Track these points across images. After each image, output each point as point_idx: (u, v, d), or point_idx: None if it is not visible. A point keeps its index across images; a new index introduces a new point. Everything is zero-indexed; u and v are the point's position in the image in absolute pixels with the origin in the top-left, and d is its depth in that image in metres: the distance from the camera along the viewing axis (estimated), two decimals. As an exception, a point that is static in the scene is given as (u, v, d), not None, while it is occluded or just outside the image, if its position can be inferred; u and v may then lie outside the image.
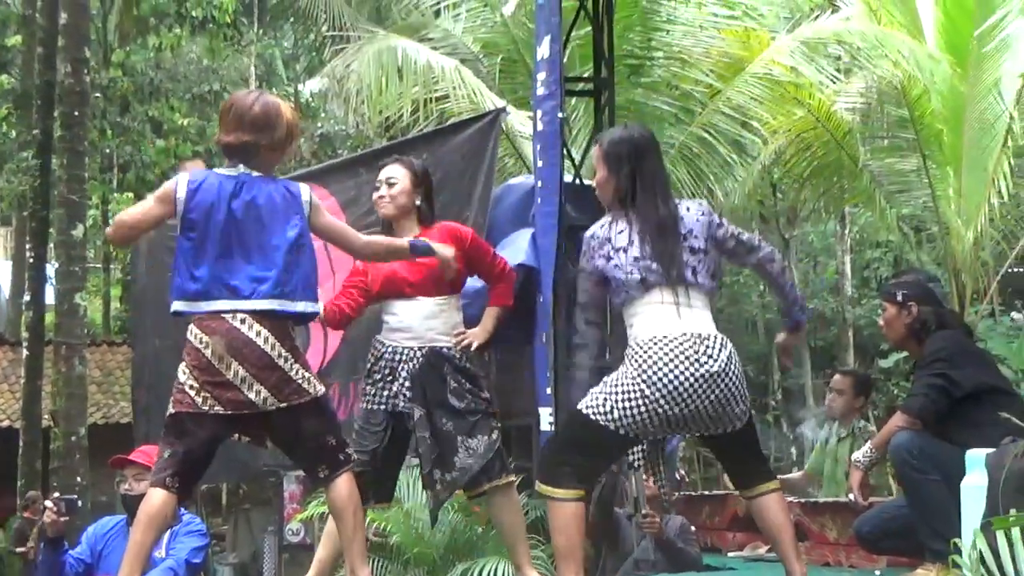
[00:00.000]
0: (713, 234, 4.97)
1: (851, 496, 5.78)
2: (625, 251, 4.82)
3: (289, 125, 4.94)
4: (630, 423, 4.72)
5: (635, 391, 4.70)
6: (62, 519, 5.78)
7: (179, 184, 4.81)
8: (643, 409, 4.69)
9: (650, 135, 5.23)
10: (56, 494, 6.00)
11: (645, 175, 4.96)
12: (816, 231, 23.21)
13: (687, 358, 4.68)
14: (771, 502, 5.05)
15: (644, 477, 7.96)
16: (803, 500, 7.43)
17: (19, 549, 11.09)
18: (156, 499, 4.68)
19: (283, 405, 4.67)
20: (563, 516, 4.85)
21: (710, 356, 4.72)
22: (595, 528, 7.29)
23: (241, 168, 4.82)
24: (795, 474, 8.41)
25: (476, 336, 5.66)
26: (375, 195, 5.78)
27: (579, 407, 4.87)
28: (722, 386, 4.73)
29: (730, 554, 7.89)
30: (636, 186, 4.93)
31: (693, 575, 7.01)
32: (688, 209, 4.98)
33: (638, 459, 7.81)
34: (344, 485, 4.86)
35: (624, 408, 4.71)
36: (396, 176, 5.72)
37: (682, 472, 11.15)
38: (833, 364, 21.56)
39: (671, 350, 4.69)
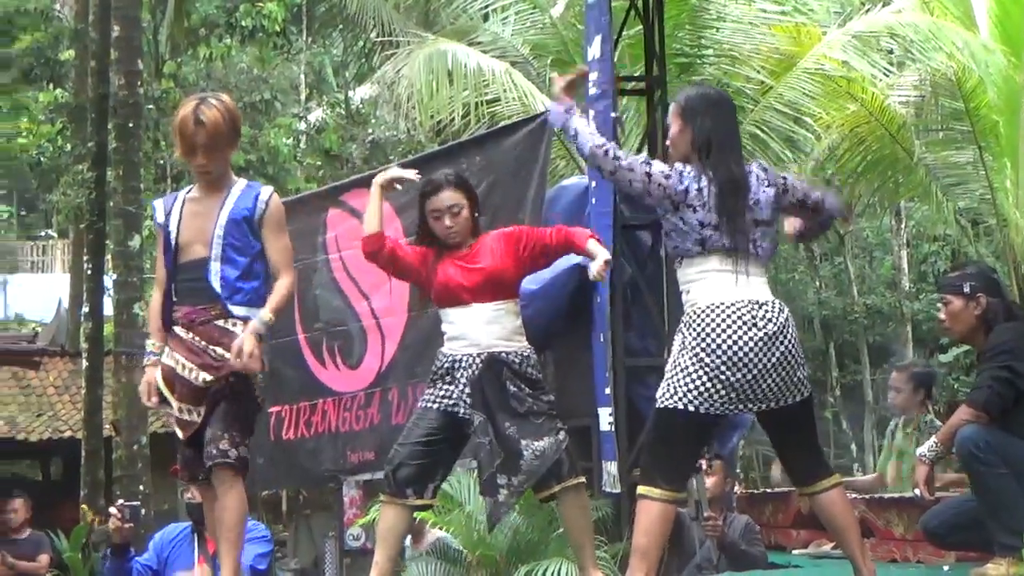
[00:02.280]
0: (779, 205, 4.99)
1: (917, 491, 5.73)
2: (695, 210, 4.81)
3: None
4: (697, 396, 4.73)
5: (695, 361, 4.72)
6: (127, 525, 5.81)
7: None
8: (706, 378, 4.70)
9: (727, 95, 5.26)
10: (120, 501, 6.03)
11: (720, 131, 4.94)
12: (871, 226, 23.04)
13: (745, 323, 4.70)
14: (834, 498, 5.02)
15: (705, 480, 7.95)
16: (868, 496, 7.36)
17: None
18: None
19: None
20: (652, 516, 4.86)
21: (768, 319, 4.75)
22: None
23: None
24: (867, 477, 8.32)
25: (599, 261, 5.46)
26: (439, 226, 5.69)
27: (656, 405, 4.88)
28: (781, 348, 4.75)
29: (795, 552, 7.84)
30: (711, 141, 4.90)
31: (758, 574, 6.96)
32: (757, 177, 4.96)
33: (701, 462, 7.83)
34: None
35: (688, 383, 4.73)
36: (458, 203, 5.67)
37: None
38: (891, 360, 21.40)
39: (728, 315, 4.73)
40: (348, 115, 23.56)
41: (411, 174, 5.90)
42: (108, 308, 14.72)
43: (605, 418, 8.02)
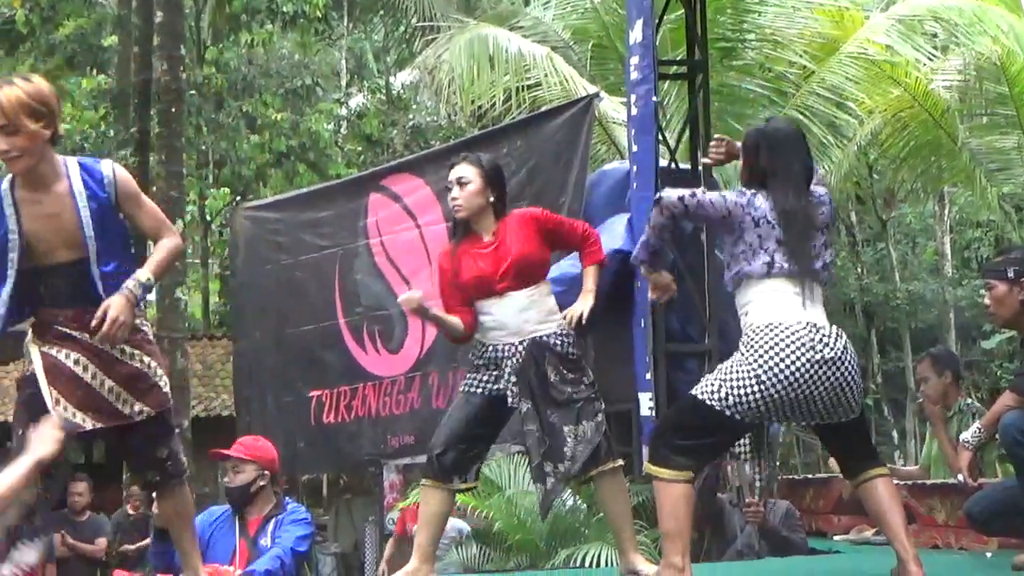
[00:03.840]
0: (830, 224, 5.00)
1: (960, 477, 5.69)
2: (772, 227, 4.80)
3: None
4: (743, 408, 4.70)
5: (750, 377, 4.69)
6: (158, 510, 5.82)
7: None
8: (757, 395, 4.67)
9: (792, 129, 5.24)
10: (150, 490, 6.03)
11: (781, 164, 4.94)
12: (914, 212, 22.92)
13: (803, 344, 4.67)
14: (880, 486, 4.99)
15: (756, 468, 7.93)
16: (911, 482, 7.32)
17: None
18: None
19: None
20: (671, 498, 4.83)
21: (825, 344, 4.71)
22: (699, 513, 7.24)
23: None
24: (912, 468, 8.25)
25: (583, 302, 5.59)
26: (449, 196, 5.70)
27: (692, 392, 4.86)
28: (837, 373, 4.71)
29: (836, 537, 7.81)
30: (767, 175, 4.92)
31: (799, 559, 6.94)
32: (820, 200, 4.99)
33: (744, 450, 7.81)
34: None
35: (739, 394, 4.71)
36: (467, 175, 5.62)
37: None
38: (934, 345, 21.27)
39: (787, 337, 4.68)
40: (389, 100, 23.61)
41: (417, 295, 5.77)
42: (151, 293, 14.78)
43: (646, 403, 8.00)
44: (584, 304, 5.57)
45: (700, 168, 8.07)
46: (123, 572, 7.19)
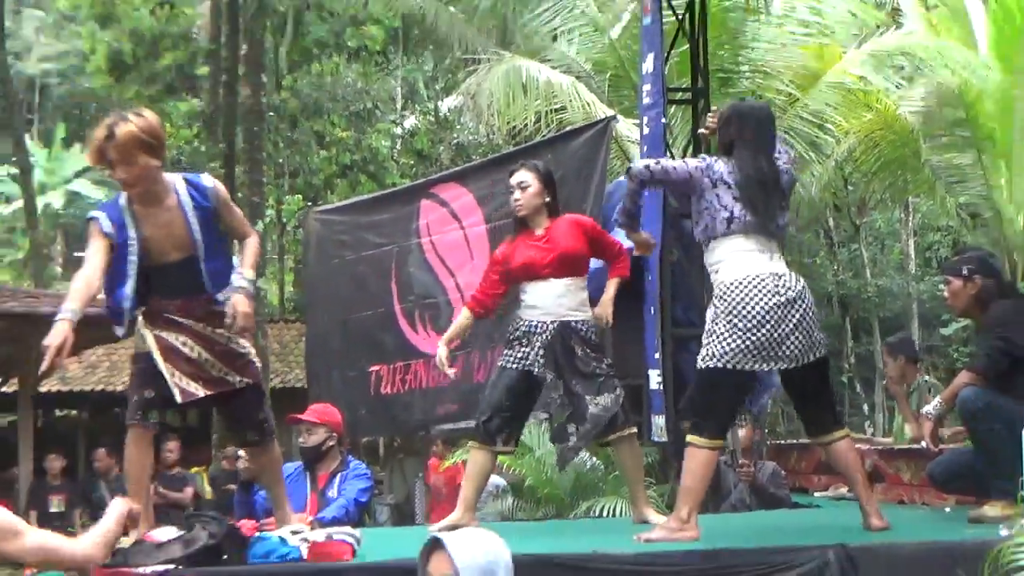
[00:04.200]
0: (790, 186, 5.09)
1: (923, 443, 5.68)
2: (728, 187, 4.83)
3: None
4: (730, 356, 4.76)
5: (727, 326, 4.75)
6: (254, 465, 5.85)
7: None
8: (739, 339, 4.73)
9: (761, 105, 5.37)
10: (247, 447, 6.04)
11: (748, 133, 4.96)
12: (883, 218, 22.79)
13: (768, 290, 4.77)
14: (843, 447, 5.06)
15: (740, 432, 7.92)
16: (880, 448, 7.30)
17: None
18: None
19: None
20: (698, 460, 4.89)
21: (788, 288, 4.80)
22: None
23: None
24: (887, 439, 8.24)
25: (605, 307, 5.67)
26: (511, 198, 5.72)
27: (698, 367, 4.89)
28: (801, 310, 4.79)
29: (816, 494, 7.80)
30: (737, 142, 4.95)
31: (784, 512, 6.93)
32: (782, 162, 5.01)
33: (738, 418, 7.81)
34: None
35: (723, 345, 4.76)
36: (527, 180, 5.67)
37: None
38: (902, 331, 21.18)
39: (754, 286, 4.78)
40: (437, 122, 23.57)
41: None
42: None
43: (654, 378, 8.02)
44: (606, 310, 5.67)
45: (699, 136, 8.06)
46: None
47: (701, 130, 6.04)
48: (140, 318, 4.73)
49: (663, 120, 8.33)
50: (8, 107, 22.57)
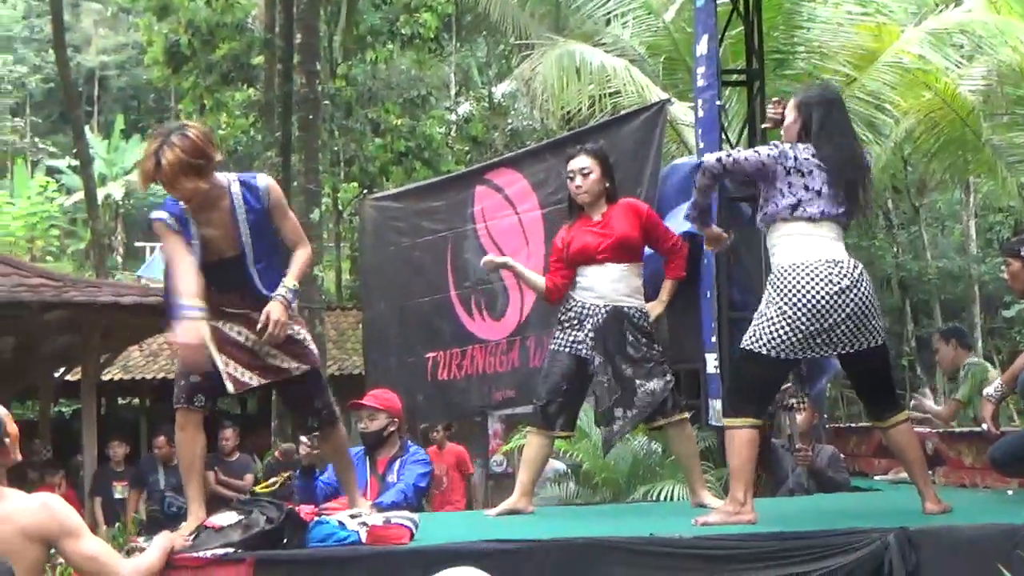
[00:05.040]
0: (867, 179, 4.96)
1: (984, 426, 5.61)
2: (803, 175, 4.74)
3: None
4: (777, 344, 4.68)
5: (778, 314, 4.67)
6: (314, 452, 5.91)
7: None
8: (787, 328, 4.66)
9: (836, 92, 5.18)
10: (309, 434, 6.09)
11: (832, 119, 4.88)
12: (943, 199, 22.53)
13: (822, 278, 4.65)
14: (902, 432, 4.97)
15: (797, 415, 7.87)
16: (941, 430, 7.23)
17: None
18: None
19: None
20: (736, 441, 4.83)
21: (843, 275, 4.67)
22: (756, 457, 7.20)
23: None
24: (940, 407, 8.15)
25: (656, 308, 5.67)
26: (571, 184, 5.68)
27: (741, 345, 4.85)
28: (855, 300, 4.66)
29: (876, 478, 7.73)
30: (823, 128, 4.84)
31: (843, 496, 6.88)
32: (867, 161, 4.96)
33: (793, 401, 7.76)
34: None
35: (772, 332, 4.69)
36: (588, 166, 5.64)
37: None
38: (961, 315, 20.95)
39: (808, 273, 4.66)
40: (491, 108, 23.59)
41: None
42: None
43: (711, 362, 7.99)
44: (655, 310, 5.65)
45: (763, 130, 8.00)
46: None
47: (764, 125, 5.94)
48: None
49: (718, 102, 8.28)
50: (68, 99, 22.88)
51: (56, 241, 30.84)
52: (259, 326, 4.56)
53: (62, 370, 15.54)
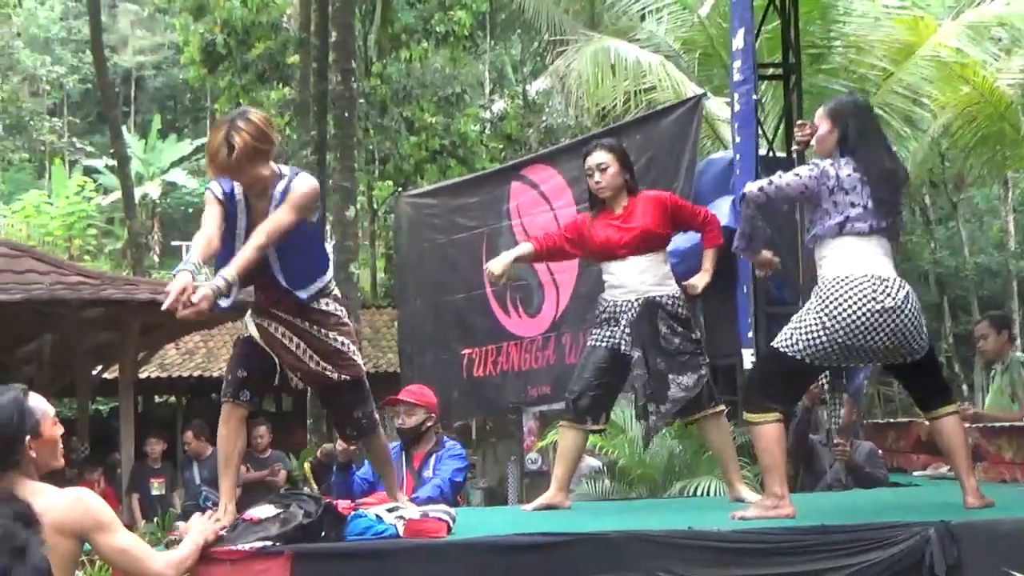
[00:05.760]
0: (906, 182, 4.89)
1: (1028, 420, 5.55)
2: (847, 192, 4.69)
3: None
4: (811, 352, 4.63)
5: (817, 324, 4.61)
6: (351, 447, 5.92)
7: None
8: (823, 339, 4.60)
9: (867, 102, 5.12)
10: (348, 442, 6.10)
11: (869, 130, 4.82)
12: (981, 194, 22.34)
13: (866, 295, 4.57)
14: (949, 423, 4.90)
15: (834, 411, 7.82)
16: (981, 425, 7.15)
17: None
18: None
19: None
20: (765, 437, 4.78)
21: (887, 294, 4.59)
22: (793, 452, 7.16)
23: None
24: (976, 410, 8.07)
25: (702, 279, 5.62)
26: (590, 180, 5.65)
27: (772, 344, 4.80)
28: (897, 321, 4.58)
29: (915, 474, 7.66)
30: (861, 138, 4.78)
31: (882, 491, 6.82)
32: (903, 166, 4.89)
33: (829, 396, 7.71)
34: None
35: (807, 339, 4.63)
36: (605, 161, 5.61)
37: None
38: (1002, 310, 20.77)
39: (852, 288, 4.59)
40: (525, 105, 23.60)
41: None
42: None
43: (748, 358, 7.98)
44: (702, 280, 5.61)
45: (794, 156, 7.97)
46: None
47: (795, 147, 5.83)
48: (250, 308, 4.78)
49: (754, 96, 8.25)
50: (105, 100, 23.06)
51: (93, 240, 31.05)
52: (172, 296, 4.15)
53: (100, 368, 15.64)
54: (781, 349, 4.73)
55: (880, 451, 7.84)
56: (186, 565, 3.92)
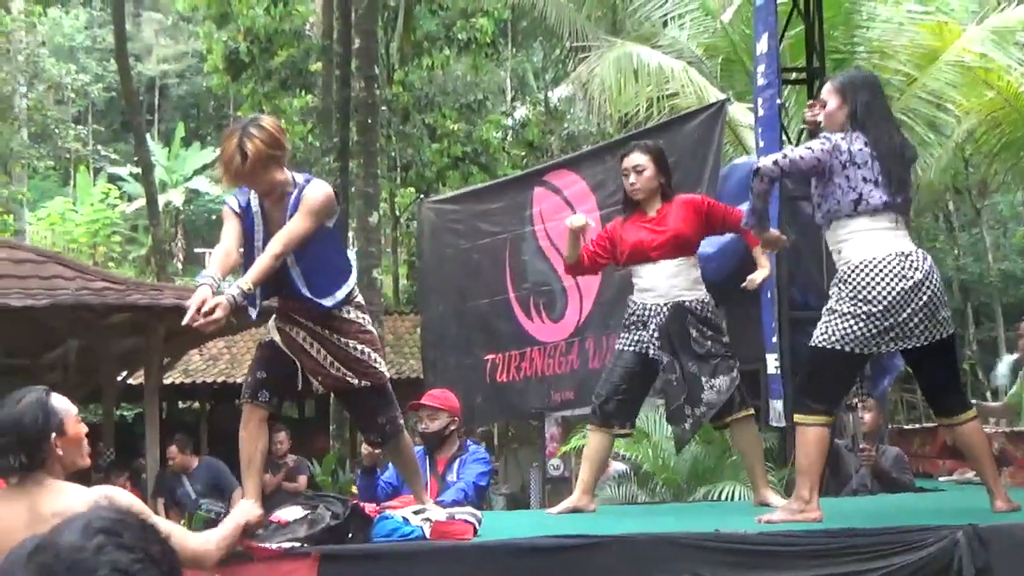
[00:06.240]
0: (913, 159, 4.89)
1: (1055, 425, 5.52)
2: (859, 167, 4.66)
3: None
4: (850, 339, 4.60)
5: (849, 311, 4.59)
6: (376, 452, 5.92)
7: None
8: (862, 324, 4.58)
9: (876, 76, 5.10)
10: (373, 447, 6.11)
11: (878, 106, 4.80)
12: (1006, 200, 22.22)
13: (895, 274, 4.56)
14: (971, 429, 4.88)
15: (860, 416, 7.78)
16: (1007, 430, 7.11)
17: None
18: None
19: None
20: (808, 439, 4.76)
21: (915, 268, 4.59)
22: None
23: None
24: (996, 404, 8.03)
25: (761, 274, 5.61)
26: (625, 181, 5.65)
27: (811, 343, 4.78)
28: (928, 293, 4.59)
29: (941, 479, 7.61)
30: (870, 113, 4.75)
31: (908, 496, 6.79)
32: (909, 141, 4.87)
33: (855, 401, 7.67)
34: None
35: (844, 328, 4.61)
36: (642, 163, 5.60)
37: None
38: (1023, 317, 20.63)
39: (880, 269, 4.57)
40: (547, 112, 23.63)
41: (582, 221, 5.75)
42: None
43: (772, 363, 7.94)
44: (761, 275, 5.61)
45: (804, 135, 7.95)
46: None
47: (803, 126, 5.81)
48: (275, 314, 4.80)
49: (778, 101, 8.22)
50: (129, 108, 23.18)
51: (118, 247, 31.20)
52: (191, 310, 4.20)
53: (125, 373, 15.69)
54: (820, 344, 4.71)
55: (906, 456, 7.81)
56: (227, 543, 3.92)
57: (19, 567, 1.87)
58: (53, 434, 3.52)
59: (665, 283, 5.51)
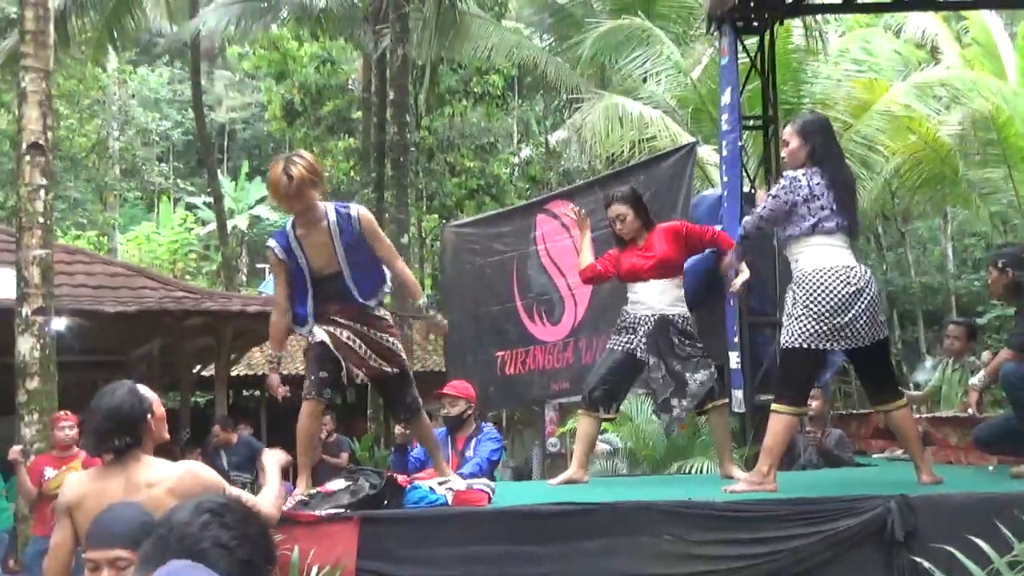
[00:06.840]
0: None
1: (970, 411, 5.48)
2: (817, 198, 4.64)
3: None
4: (810, 336, 4.60)
5: (805, 311, 4.59)
6: (407, 432, 5.90)
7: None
8: (816, 322, 4.58)
9: (828, 120, 5.10)
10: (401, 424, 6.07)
11: (831, 145, 4.79)
12: (925, 225, 22.15)
13: (841, 280, 4.59)
14: (902, 415, 4.86)
15: (808, 403, 7.72)
16: (930, 415, 7.07)
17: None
18: None
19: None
20: (780, 424, 4.76)
21: (858, 277, 4.61)
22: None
23: None
24: (918, 392, 7.98)
25: (742, 277, 5.52)
26: (614, 227, 5.67)
27: (782, 346, 4.77)
28: (867, 298, 4.59)
29: (874, 456, 7.59)
30: (826, 152, 4.73)
31: (848, 470, 6.76)
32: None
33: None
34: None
35: (803, 328, 4.61)
36: (622, 211, 5.63)
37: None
38: (941, 321, 20.55)
39: (828, 276, 4.60)
40: (547, 152, 23.56)
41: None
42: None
43: (734, 359, 7.90)
44: (741, 279, 5.53)
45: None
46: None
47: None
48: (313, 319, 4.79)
49: (739, 143, 8.20)
50: (204, 149, 23.21)
51: (193, 264, 31.26)
52: (429, 335, 4.60)
53: (199, 367, 15.69)
54: (787, 346, 4.71)
55: (848, 437, 7.77)
56: (281, 500, 3.85)
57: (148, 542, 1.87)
58: (148, 415, 3.51)
59: (654, 298, 5.53)
